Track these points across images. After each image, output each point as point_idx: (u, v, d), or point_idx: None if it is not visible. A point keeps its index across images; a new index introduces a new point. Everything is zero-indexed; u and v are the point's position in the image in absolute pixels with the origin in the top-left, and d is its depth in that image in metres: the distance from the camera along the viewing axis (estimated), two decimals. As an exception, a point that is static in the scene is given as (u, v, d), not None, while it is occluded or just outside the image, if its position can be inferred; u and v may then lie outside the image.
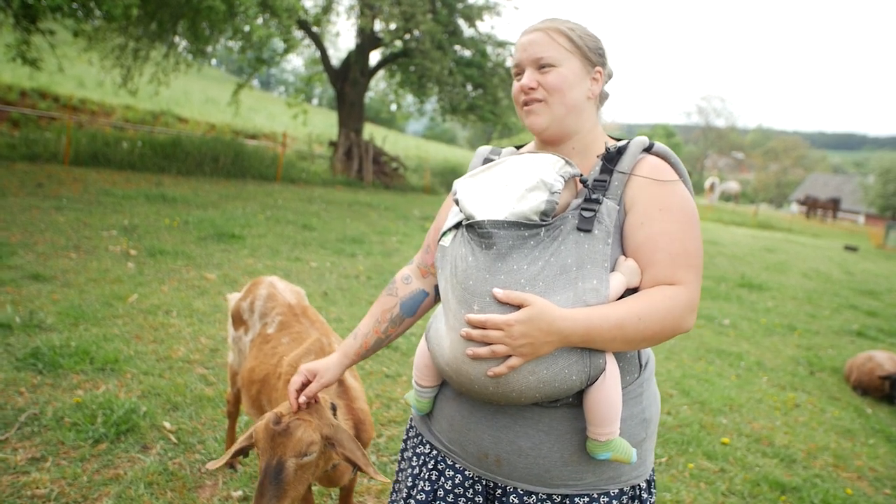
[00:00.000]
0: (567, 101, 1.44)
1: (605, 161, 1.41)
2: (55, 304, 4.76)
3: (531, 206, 1.30)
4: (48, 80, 17.89)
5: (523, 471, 1.39)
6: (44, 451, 2.94)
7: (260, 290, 2.73)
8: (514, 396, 1.30)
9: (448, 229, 1.46)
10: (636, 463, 1.45)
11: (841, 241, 27.99)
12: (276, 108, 33.07)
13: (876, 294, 12.63)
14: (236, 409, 3.01)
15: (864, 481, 4.05)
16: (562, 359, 1.27)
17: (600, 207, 1.34)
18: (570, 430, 1.38)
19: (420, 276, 1.68)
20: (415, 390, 1.58)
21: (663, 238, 1.35)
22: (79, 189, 9.77)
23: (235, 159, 14.88)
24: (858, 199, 49.37)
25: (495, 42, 17.64)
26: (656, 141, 1.46)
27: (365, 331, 1.65)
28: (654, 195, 1.37)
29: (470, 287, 1.30)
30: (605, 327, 1.26)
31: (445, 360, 1.36)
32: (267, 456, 1.58)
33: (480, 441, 1.43)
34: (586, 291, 1.28)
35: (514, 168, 1.39)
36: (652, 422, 1.50)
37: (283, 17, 12.57)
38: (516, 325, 1.23)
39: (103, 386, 3.65)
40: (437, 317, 1.46)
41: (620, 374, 1.37)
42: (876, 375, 5.75)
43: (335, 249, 8.56)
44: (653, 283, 1.35)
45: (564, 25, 1.46)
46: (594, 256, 1.30)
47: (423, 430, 1.60)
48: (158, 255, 6.71)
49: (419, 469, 1.56)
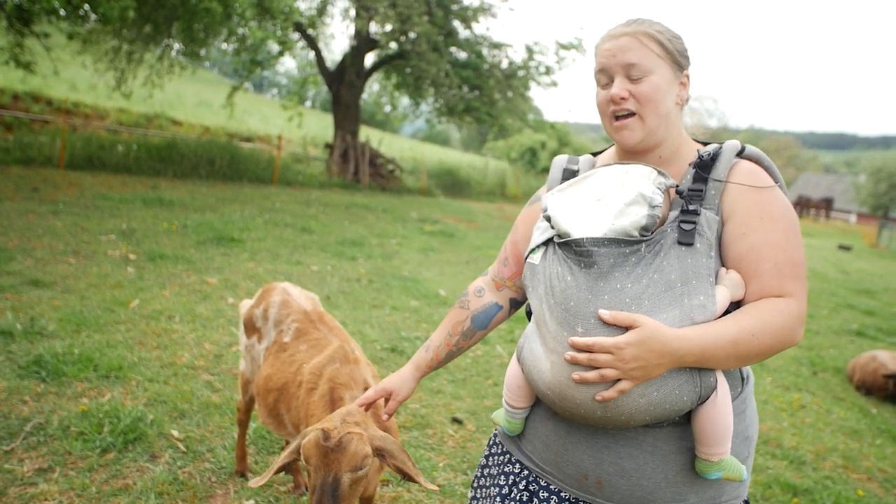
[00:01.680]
0: (661, 112, 1.38)
1: (699, 169, 1.36)
2: (56, 311, 4.70)
3: (632, 222, 1.25)
4: (41, 84, 17.76)
5: (626, 492, 1.34)
6: (51, 461, 2.89)
7: (273, 297, 2.69)
8: (623, 420, 1.25)
9: (536, 246, 1.41)
10: (744, 481, 1.40)
11: (834, 241, 28.12)
12: (269, 110, 32.98)
13: (872, 293, 12.69)
14: (247, 417, 2.97)
15: (874, 482, 4.04)
16: (672, 380, 1.23)
17: (699, 219, 1.29)
18: (675, 450, 1.33)
19: (494, 289, 1.65)
20: (506, 411, 1.52)
21: (767, 248, 1.29)
22: (75, 193, 9.68)
23: (231, 162, 14.81)
24: (850, 199, 49.63)
25: (491, 44, 17.63)
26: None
27: (437, 343, 1.64)
28: (754, 203, 1.32)
29: (571, 308, 1.25)
30: (719, 346, 1.21)
31: (546, 383, 1.30)
32: (322, 472, 1.56)
33: (580, 462, 1.37)
34: (693, 308, 1.23)
35: (607, 181, 1.34)
36: (753, 440, 1.45)
37: (279, 18, 12.52)
38: (627, 348, 1.18)
39: (108, 394, 3.60)
40: (529, 336, 1.39)
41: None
42: (880, 375, 5.76)
43: (335, 252, 8.52)
44: (759, 296, 1.29)
45: (653, 28, 1.38)
46: (698, 271, 1.25)
47: (511, 448, 1.55)
48: (158, 259, 6.65)
49: (508, 489, 1.50)
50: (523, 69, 17.81)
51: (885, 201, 42.41)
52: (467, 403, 4.26)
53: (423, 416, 3.95)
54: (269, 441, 3.39)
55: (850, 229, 40.79)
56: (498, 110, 17.68)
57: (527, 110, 19.11)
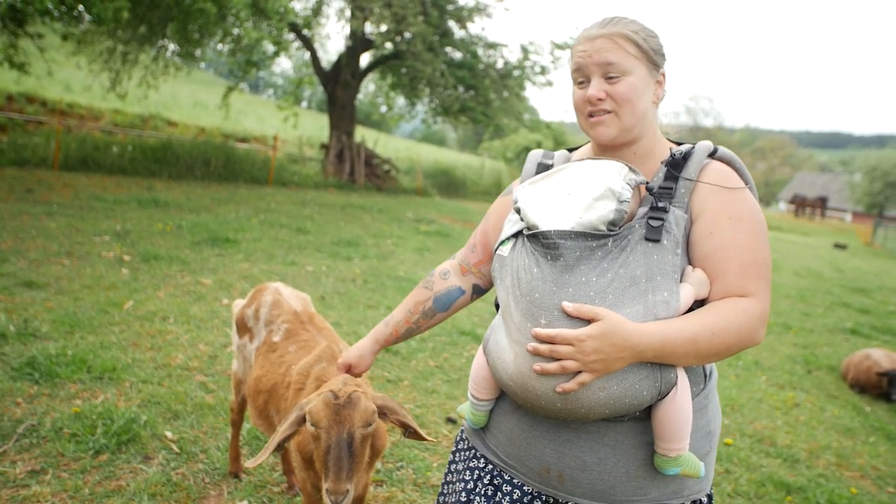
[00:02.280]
0: (637, 111, 1.39)
1: (671, 167, 1.38)
2: (50, 312, 4.69)
3: (599, 216, 1.26)
4: (35, 85, 17.71)
5: (587, 486, 1.35)
6: (44, 463, 2.88)
7: (265, 297, 2.69)
8: (583, 413, 1.27)
9: (506, 238, 1.42)
10: (701, 477, 1.40)
11: (830, 239, 28.21)
12: (265, 110, 32.92)
13: (867, 292, 12.73)
14: (240, 417, 2.96)
15: (867, 480, 4.05)
16: (632, 374, 1.24)
17: (668, 216, 1.30)
18: (636, 445, 1.34)
19: (459, 273, 1.67)
20: (470, 403, 1.53)
21: (733, 248, 1.31)
22: (69, 194, 9.66)
23: (227, 163, 14.78)
24: (845, 198, 49.78)
25: (486, 44, 17.63)
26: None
27: (398, 319, 1.67)
28: (723, 203, 1.34)
29: (536, 300, 1.27)
30: (679, 342, 1.23)
31: (509, 374, 1.32)
32: (336, 430, 1.60)
33: (542, 456, 1.39)
34: (657, 304, 1.25)
35: (577, 176, 1.35)
36: (715, 435, 1.46)
37: (275, 19, 12.51)
38: (588, 341, 1.20)
39: (102, 395, 3.59)
40: (496, 328, 1.40)
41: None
42: (874, 373, 5.78)
43: (330, 253, 8.51)
44: (723, 294, 1.31)
45: (629, 29, 1.38)
46: (664, 267, 1.27)
47: (476, 444, 1.56)
48: (153, 260, 6.64)
49: (474, 484, 1.51)
50: (518, 69, 17.82)
51: (880, 200, 42.55)
52: (462, 403, 4.25)
53: (418, 417, 3.95)
54: (262, 442, 3.39)
55: (845, 228, 40.94)
56: (493, 110, 17.68)
57: (522, 110, 19.13)
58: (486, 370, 1.45)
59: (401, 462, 3.39)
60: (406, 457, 3.43)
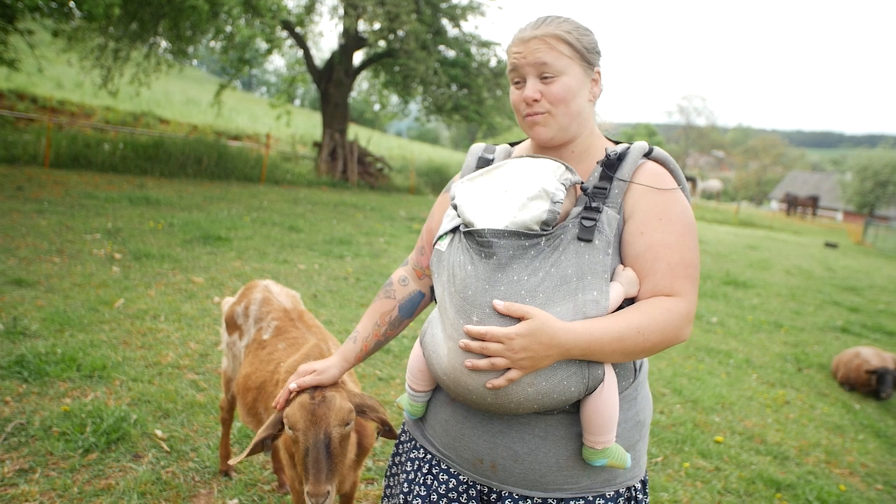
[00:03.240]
0: (572, 111, 1.41)
1: (606, 168, 1.40)
2: (39, 310, 4.66)
3: (532, 216, 1.28)
4: (26, 81, 17.60)
5: (519, 476, 1.39)
6: (32, 461, 2.87)
7: (254, 295, 2.68)
8: (513, 407, 1.30)
9: (444, 233, 1.44)
10: (631, 465, 1.45)
11: (821, 238, 28.36)
12: (258, 108, 32.82)
13: (857, 290, 12.80)
14: (230, 415, 2.96)
15: (856, 477, 4.08)
16: (560, 371, 1.27)
17: (601, 216, 1.33)
18: (565, 436, 1.38)
19: (416, 278, 1.68)
20: (408, 394, 1.57)
21: (663, 248, 1.34)
22: (60, 192, 9.60)
23: (219, 161, 14.73)
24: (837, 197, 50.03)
25: (479, 42, 17.62)
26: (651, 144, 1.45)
27: (364, 334, 1.64)
28: (654, 204, 1.36)
29: (469, 297, 1.29)
30: (605, 340, 1.25)
31: (443, 368, 1.35)
32: (312, 431, 1.59)
33: (475, 446, 1.42)
34: (586, 303, 1.28)
35: (515, 174, 1.36)
36: (645, 424, 1.51)
37: (267, 16, 12.46)
38: (517, 339, 1.23)
39: (91, 394, 3.57)
40: (432, 322, 1.43)
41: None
42: (863, 371, 5.81)
43: (323, 251, 8.50)
44: (651, 293, 1.34)
45: (561, 29, 1.40)
46: (594, 267, 1.29)
47: (416, 435, 1.60)
48: (144, 258, 6.61)
49: (414, 474, 1.55)
50: (512, 68, 17.82)
51: (871, 199, 42.78)
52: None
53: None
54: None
55: (836, 227, 41.15)
56: (486, 109, 17.69)
57: (516, 109, 19.12)
58: (423, 362, 1.48)
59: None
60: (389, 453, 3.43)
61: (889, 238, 29.73)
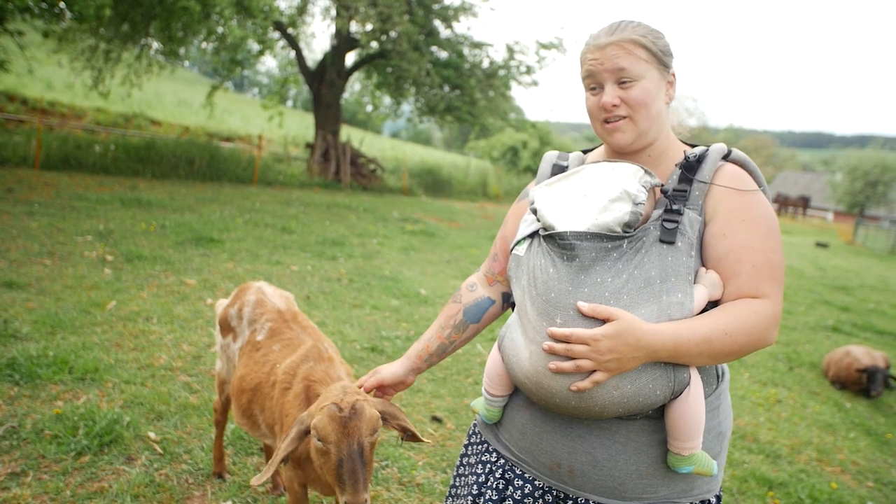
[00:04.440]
0: (651, 114, 1.41)
1: (685, 170, 1.39)
2: (31, 313, 4.63)
3: (615, 218, 1.28)
4: (16, 83, 17.48)
5: (597, 482, 1.37)
6: (24, 465, 2.85)
7: (248, 297, 2.67)
8: (597, 411, 1.28)
9: (522, 238, 1.43)
10: (714, 475, 1.42)
11: (812, 238, 28.53)
12: (250, 109, 32.73)
13: (848, 290, 12.89)
14: (224, 417, 2.95)
15: (847, 475, 4.11)
16: (646, 374, 1.25)
17: (682, 218, 1.32)
18: (647, 443, 1.36)
19: (486, 284, 1.68)
20: (485, 399, 1.55)
21: (746, 250, 1.32)
22: (51, 194, 9.55)
23: (211, 162, 14.67)
24: (827, 197, 50.32)
25: (472, 43, 17.63)
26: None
27: (428, 335, 1.66)
28: (736, 205, 1.35)
29: (552, 299, 1.28)
30: (693, 342, 1.24)
31: (524, 372, 1.33)
32: (346, 443, 1.60)
33: (553, 451, 1.40)
34: (671, 305, 1.27)
35: (594, 178, 1.36)
36: (726, 436, 1.48)
37: (259, 17, 12.43)
38: (603, 340, 1.21)
39: (84, 396, 3.55)
40: (511, 326, 1.42)
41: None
42: (854, 370, 5.86)
43: (315, 252, 8.48)
44: (736, 296, 1.32)
45: (637, 33, 1.39)
46: (678, 269, 1.28)
47: (489, 438, 1.58)
48: (136, 260, 6.58)
49: (485, 477, 1.53)
50: (504, 69, 17.83)
51: (861, 199, 43.06)
52: (447, 402, 4.26)
53: (403, 415, 3.95)
54: (246, 442, 3.37)
55: (827, 227, 41.40)
56: (479, 110, 17.68)
57: (508, 109, 19.15)
58: (501, 367, 1.46)
59: (386, 461, 3.39)
60: (391, 455, 3.43)
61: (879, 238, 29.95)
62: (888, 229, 31.51)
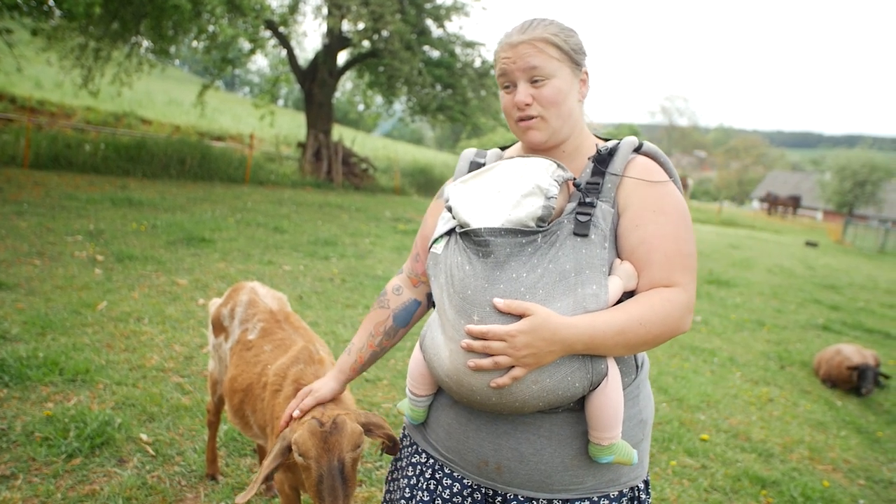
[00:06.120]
0: (563, 112, 1.42)
1: (597, 163, 1.41)
2: (20, 314, 4.59)
3: (528, 213, 1.29)
4: (4, 81, 17.32)
5: (524, 477, 1.39)
6: (14, 468, 2.82)
7: (240, 297, 2.65)
8: (518, 406, 1.29)
9: (440, 236, 1.44)
10: (635, 464, 1.45)
11: (802, 237, 28.73)
12: (241, 109, 32.57)
13: (837, 288, 12.98)
14: (217, 418, 2.93)
15: (839, 473, 4.13)
16: (564, 367, 1.27)
17: (595, 211, 1.34)
18: (571, 435, 1.38)
19: (411, 286, 1.67)
20: (409, 399, 1.56)
21: (658, 240, 1.35)
22: (40, 193, 9.47)
23: (202, 161, 14.60)
24: (817, 196, 50.65)
25: (464, 42, 17.63)
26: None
27: (359, 345, 1.64)
28: (647, 196, 1.37)
29: (469, 297, 1.29)
30: (608, 334, 1.26)
31: (445, 370, 1.34)
32: (326, 458, 1.57)
33: (480, 449, 1.41)
34: (586, 297, 1.28)
35: (507, 173, 1.37)
36: (648, 423, 1.51)
37: (251, 16, 12.37)
38: (519, 336, 1.22)
39: (74, 398, 3.52)
40: (431, 325, 1.43)
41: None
42: (844, 368, 5.89)
43: (308, 252, 8.45)
44: (649, 286, 1.35)
45: (548, 32, 1.40)
46: (592, 261, 1.30)
47: (417, 439, 1.59)
48: (127, 260, 6.53)
49: (416, 479, 1.54)
50: (496, 68, 17.85)
51: (850, 199, 43.38)
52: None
53: (397, 416, 3.94)
54: (240, 443, 3.35)
55: (816, 226, 41.69)
56: (471, 109, 17.69)
57: (500, 109, 19.17)
58: (424, 366, 1.47)
59: (380, 462, 3.38)
60: (385, 457, 3.42)
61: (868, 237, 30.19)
62: (877, 228, 31.80)
